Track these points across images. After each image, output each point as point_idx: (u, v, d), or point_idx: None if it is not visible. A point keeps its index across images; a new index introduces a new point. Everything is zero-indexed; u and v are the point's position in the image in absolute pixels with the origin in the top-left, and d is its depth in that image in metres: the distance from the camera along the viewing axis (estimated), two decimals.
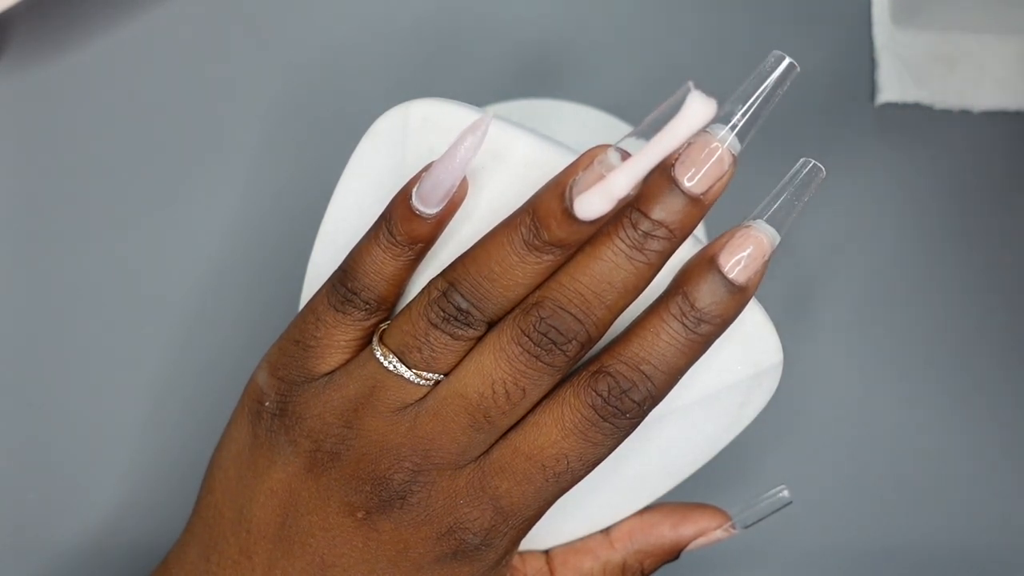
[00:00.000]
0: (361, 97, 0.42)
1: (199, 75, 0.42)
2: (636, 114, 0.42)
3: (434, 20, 0.43)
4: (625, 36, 0.43)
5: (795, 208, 0.28)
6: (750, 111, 0.27)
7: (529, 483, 0.28)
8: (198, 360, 0.41)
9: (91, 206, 0.41)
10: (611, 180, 0.26)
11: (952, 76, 0.43)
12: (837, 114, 0.44)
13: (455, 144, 0.27)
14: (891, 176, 0.44)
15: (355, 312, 0.29)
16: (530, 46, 0.43)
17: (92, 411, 0.41)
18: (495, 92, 0.42)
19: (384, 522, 0.29)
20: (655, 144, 0.26)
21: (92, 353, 0.41)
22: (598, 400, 0.28)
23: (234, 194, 0.42)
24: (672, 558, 0.33)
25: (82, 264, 0.41)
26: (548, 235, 0.27)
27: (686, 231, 0.28)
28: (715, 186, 0.27)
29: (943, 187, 0.44)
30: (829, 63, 0.44)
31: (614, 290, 0.28)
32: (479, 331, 0.28)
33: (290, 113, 0.42)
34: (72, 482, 0.41)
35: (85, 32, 0.42)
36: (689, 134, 0.26)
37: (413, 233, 0.29)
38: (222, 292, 0.41)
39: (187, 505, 0.33)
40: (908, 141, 0.44)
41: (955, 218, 0.44)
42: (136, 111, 0.42)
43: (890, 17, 0.43)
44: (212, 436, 0.33)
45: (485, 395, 0.28)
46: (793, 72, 0.27)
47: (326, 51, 0.42)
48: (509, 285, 0.28)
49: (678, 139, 0.26)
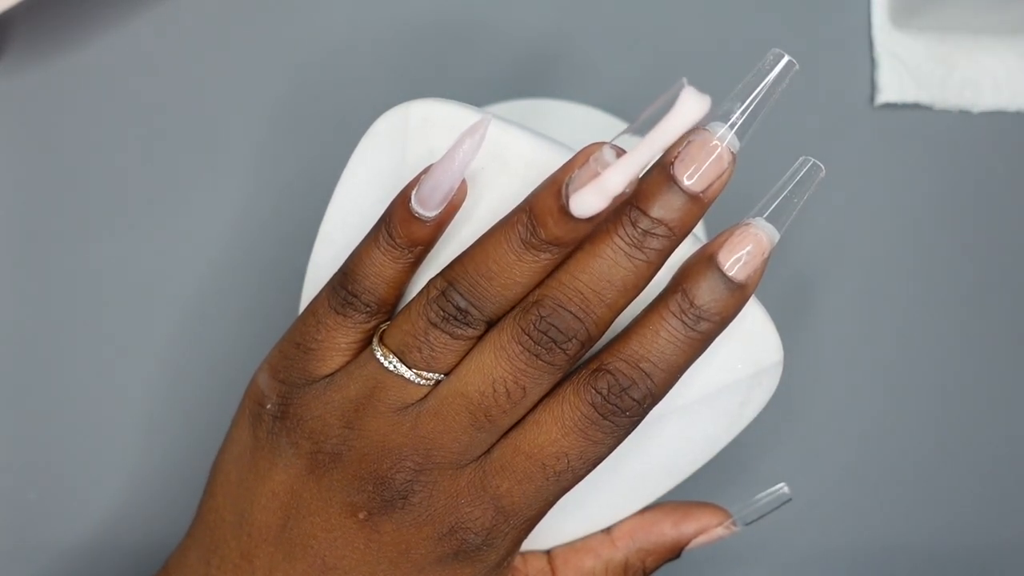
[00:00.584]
0: (361, 97, 0.42)
1: (198, 76, 0.42)
2: (635, 114, 0.42)
3: (434, 20, 0.43)
4: (625, 36, 0.43)
5: (794, 206, 0.28)
6: (749, 109, 0.27)
7: (530, 482, 0.28)
8: (199, 360, 0.41)
9: (91, 207, 0.41)
10: (606, 177, 0.26)
11: (952, 77, 0.43)
12: (837, 114, 0.44)
13: (454, 146, 0.27)
14: (891, 176, 0.44)
15: (356, 315, 0.29)
16: (530, 46, 0.43)
17: (93, 412, 0.41)
18: (495, 92, 0.42)
19: (386, 523, 0.29)
20: (649, 141, 0.26)
21: (93, 353, 0.41)
22: (598, 398, 0.28)
23: (234, 195, 0.42)
24: (674, 556, 0.33)
25: (82, 265, 0.41)
26: (545, 233, 0.27)
27: (686, 229, 0.28)
28: (714, 184, 0.27)
29: (943, 187, 0.44)
30: (829, 63, 0.44)
31: (614, 288, 0.28)
32: (478, 330, 0.28)
33: (290, 113, 0.42)
34: (73, 483, 0.41)
35: (85, 32, 0.42)
36: (683, 130, 0.26)
37: (413, 236, 0.29)
38: (223, 293, 0.41)
39: (189, 507, 0.33)
40: (908, 141, 0.44)
41: (955, 218, 0.44)
42: (136, 111, 0.42)
43: (890, 18, 0.44)
44: (214, 438, 0.33)
45: (486, 394, 0.28)
46: (792, 70, 0.27)
47: (326, 51, 0.42)
48: (507, 284, 0.28)
49: (672, 135, 0.26)
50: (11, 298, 0.41)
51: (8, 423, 0.41)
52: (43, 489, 0.41)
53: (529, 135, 0.30)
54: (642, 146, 0.26)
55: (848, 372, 0.43)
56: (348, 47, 0.43)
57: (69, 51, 0.42)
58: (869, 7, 0.44)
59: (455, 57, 0.43)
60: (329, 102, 0.42)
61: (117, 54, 0.42)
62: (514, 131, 0.30)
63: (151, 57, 0.42)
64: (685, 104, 0.26)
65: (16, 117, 0.42)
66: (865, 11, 0.44)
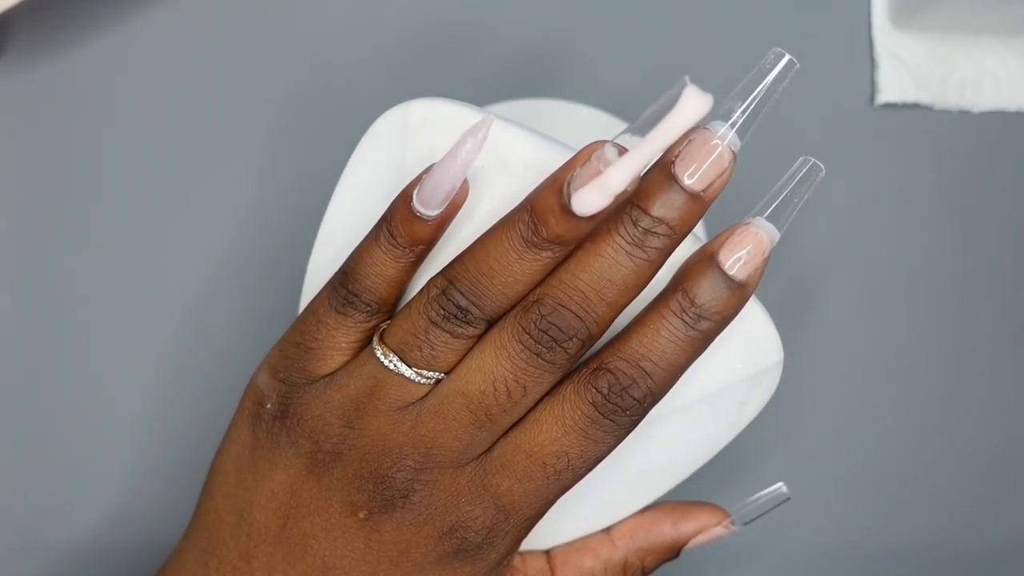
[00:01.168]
0: (361, 97, 0.42)
1: (198, 76, 0.42)
2: (636, 114, 0.42)
3: (434, 20, 0.43)
4: (625, 36, 0.43)
5: (794, 206, 0.28)
6: (750, 108, 0.27)
7: (530, 481, 0.28)
8: (199, 360, 0.41)
9: (91, 207, 0.41)
10: (608, 175, 0.26)
11: (952, 77, 0.43)
12: (837, 114, 0.44)
13: (456, 146, 0.27)
14: (891, 176, 0.44)
15: (356, 314, 0.29)
16: (531, 46, 0.43)
17: (93, 412, 0.41)
18: (495, 92, 0.42)
19: (386, 522, 0.29)
20: (651, 139, 0.26)
21: (93, 353, 0.41)
22: (598, 397, 0.28)
23: (234, 195, 0.42)
24: (673, 556, 0.33)
25: (82, 265, 0.41)
26: (546, 232, 0.27)
27: (686, 228, 0.28)
28: (715, 183, 0.27)
29: (943, 187, 0.44)
30: (829, 63, 0.44)
31: (614, 287, 0.28)
32: (479, 329, 0.28)
33: (290, 113, 0.42)
34: (73, 483, 0.41)
35: (85, 32, 0.42)
36: (685, 128, 0.26)
37: (414, 235, 0.29)
38: (223, 293, 0.41)
39: (189, 507, 0.33)
40: (908, 141, 0.44)
41: (955, 218, 0.44)
42: (136, 111, 0.42)
43: (890, 18, 0.43)
44: (214, 438, 0.33)
45: (487, 393, 0.28)
46: (792, 69, 0.27)
47: (325, 51, 0.42)
48: (508, 282, 0.28)
49: (674, 134, 0.26)
50: (11, 298, 0.41)
51: (8, 423, 0.41)
52: (43, 489, 0.41)
53: (530, 134, 0.30)
54: (644, 144, 0.26)
55: (848, 372, 0.43)
56: (348, 47, 0.43)
57: (69, 51, 0.42)
58: (869, 7, 0.44)
59: (455, 57, 0.43)
60: (329, 102, 0.42)
61: (117, 54, 0.42)
62: (515, 130, 0.30)
63: (151, 57, 0.42)
64: (687, 102, 0.26)
65: (16, 117, 0.42)
66: (865, 11, 0.44)
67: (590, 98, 0.43)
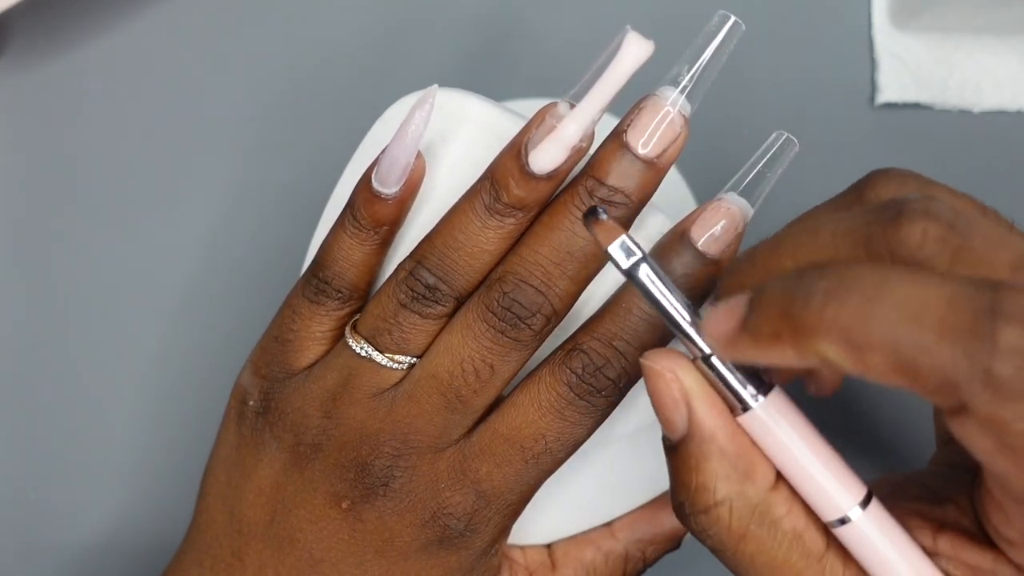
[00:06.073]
0: (361, 97, 0.42)
1: (198, 73, 0.42)
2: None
3: (434, 20, 0.43)
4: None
5: (768, 180, 0.28)
6: (698, 72, 0.27)
7: (509, 465, 0.28)
8: (199, 360, 0.41)
9: (91, 205, 0.41)
10: (561, 128, 0.27)
11: (952, 77, 0.43)
12: (837, 114, 0.43)
13: (405, 121, 0.28)
14: None
15: (328, 302, 0.30)
16: (534, 46, 0.43)
17: (93, 412, 0.41)
18: (497, 92, 0.42)
19: (368, 511, 0.29)
20: (599, 88, 0.26)
21: (93, 353, 0.41)
22: (572, 378, 0.28)
23: (233, 193, 0.42)
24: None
25: (83, 264, 0.41)
26: (507, 196, 0.27)
27: (644, 196, 0.28)
28: (669, 149, 0.27)
29: None
30: (829, 63, 0.44)
31: (574, 260, 0.28)
32: (448, 307, 0.29)
33: (289, 113, 0.42)
34: (73, 483, 0.41)
35: (85, 32, 0.42)
36: (629, 73, 0.26)
37: (376, 216, 0.29)
38: (223, 292, 0.41)
39: (189, 508, 0.33)
40: (908, 141, 0.43)
41: None
42: (136, 110, 0.42)
43: (890, 18, 0.43)
44: (213, 438, 0.33)
45: (455, 374, 0.28)
46: (739, 30, 0.27)
47: (325, 51, 0.43)
48: (474, 252, 0.28)
49: (619, 80, 0.26)
50: (10, 297, 0.41)
51: (8, 423, 0.41)
52: (43, 489, 0.41)
53: (480, 101, 0.30)
54: (593, 92, 0.27)
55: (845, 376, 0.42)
56: (348, 47, 0.43)
57: (69, 51, 0.42)
58: (869, 7, 0.44)
59: (456, 57, 0.43)
60: (329, 102, 0.42)
61: (117, 54, 0.42)
62: (464, 97, 0.30)
63: (150, 57, 0.42)
64: (629, 48, 0.26)
65: (16, 117, 0.42)
66: (865, 11, 0.44)
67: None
